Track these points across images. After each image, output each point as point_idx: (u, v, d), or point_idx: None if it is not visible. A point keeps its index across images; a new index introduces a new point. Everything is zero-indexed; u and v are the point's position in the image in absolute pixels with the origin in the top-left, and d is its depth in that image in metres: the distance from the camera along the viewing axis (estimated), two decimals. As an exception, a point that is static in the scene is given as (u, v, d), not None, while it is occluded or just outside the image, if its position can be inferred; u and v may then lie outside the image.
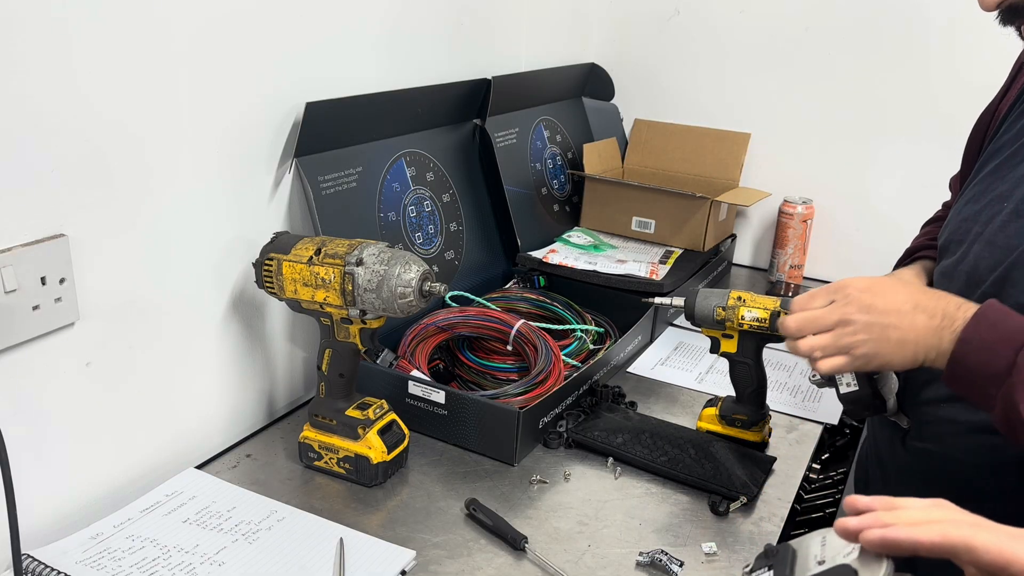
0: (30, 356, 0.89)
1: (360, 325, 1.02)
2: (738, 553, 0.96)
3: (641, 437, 1.14)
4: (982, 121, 1.02)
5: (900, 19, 1.68)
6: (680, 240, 1.73)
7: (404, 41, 1.37)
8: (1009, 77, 1.02)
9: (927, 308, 0.80)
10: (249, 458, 1.11)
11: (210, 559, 0.90)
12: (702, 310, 1.13)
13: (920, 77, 1.68)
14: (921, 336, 0.79)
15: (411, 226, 1.37)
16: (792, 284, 1.80)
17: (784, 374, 1.41)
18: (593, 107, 1.97)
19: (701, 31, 1.88)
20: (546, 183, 1.75)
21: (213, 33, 1.02)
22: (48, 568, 0.85)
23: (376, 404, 1.07)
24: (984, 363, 0.75)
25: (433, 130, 1.46)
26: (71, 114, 0.87)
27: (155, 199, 0.99)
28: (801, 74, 1.79)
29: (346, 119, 1.23)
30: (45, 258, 0.87)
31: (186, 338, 1.08)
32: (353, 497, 1.03)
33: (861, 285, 0.83)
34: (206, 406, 1.13)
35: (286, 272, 1.02)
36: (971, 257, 0.90)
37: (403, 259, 0.97)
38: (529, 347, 1.24)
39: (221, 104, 1.05)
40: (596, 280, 1.53)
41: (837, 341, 0.83)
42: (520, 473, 1.10)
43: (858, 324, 0.81)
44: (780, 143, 1.85)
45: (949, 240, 0.96)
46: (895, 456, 1.01)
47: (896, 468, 1.02)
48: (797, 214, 1.77)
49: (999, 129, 0.97)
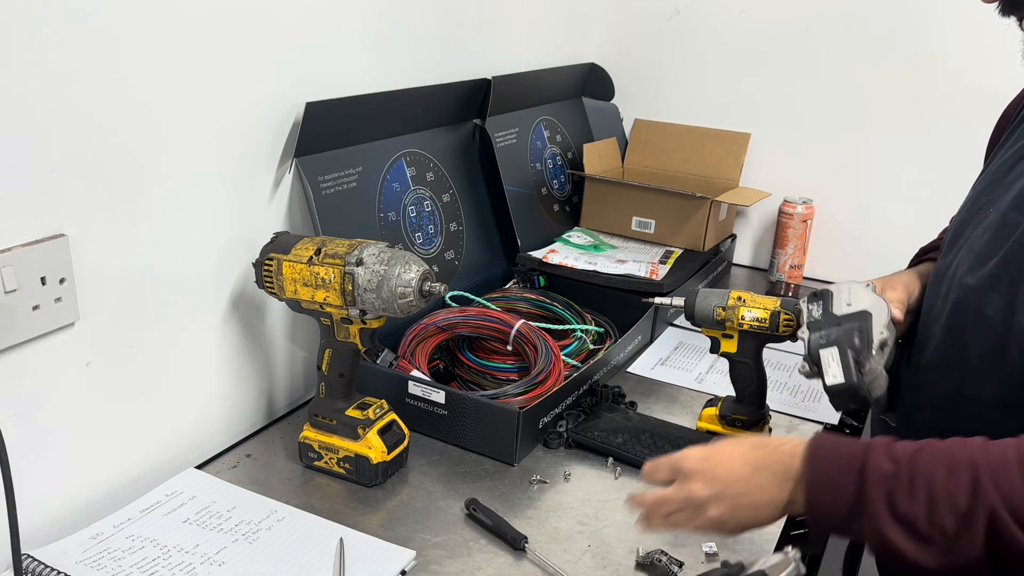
0: (30, 356, 0.89)
1: (360, 325, 1.02)
2: (738, 553, 0.96)
3: (641, 437, 1.14)
4: (1003, 118, 1.02)
5: (900, 19, 1.68)
6: (680, 240, 1.73)
7: (404, 41, 1.37)
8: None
9: (765, 466, 0.77)
10: (249, 458, 1.11)
11: (210, 559, 0.90)
12: (702, 310, 1.13)
13: (920, 77, 1.68)
14: (769, 495, 0.76)
15: (411, 226, 1.37)
16: (792, 284, 1.80)
17: (784, 374, 1.41)
18: (593, 107, 1.97)
19: (701, 31, 1.88)
20: (546, 183, 1.75)
21: (213, 33, 1.02)
22: (48, 568, 0.85)
23: (376, 404, 1.07)
24: (835, 502, 0.71)
25: (433, 130, 1.46)
26: (71, 114, 0.87)
27: (155, 199, 0.99)
28: (801, 74, 1.79)
29: (346, 119, 1.23)
30: (45, 258, 0.87)
31: (186, 338, 1.08)
32: (353, 497, 1.03)
33: (697, 456, 0.80)
34: (206, 406, 1.13)
35: (286, 272, 1.02)
36: (957, 262, 0.90)
37: (403, 259, 0.97)
38: (529, 347, 1.24)
39: (221, 104, 1.05)
40: (596, 280, 1.53)
41: (690, 520, 0.80)
42: (520, 473, 1.10)
43: (706, 498, 0.78)
44: (780, 143, 1.85)
45: (945, 242, 0.97)
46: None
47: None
48: (797, 214, 1.77)
49: (1010, 125, 0.97)
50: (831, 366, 0.90)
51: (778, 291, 1.77)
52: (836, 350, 0.91)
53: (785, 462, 0.76)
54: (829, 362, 0.91)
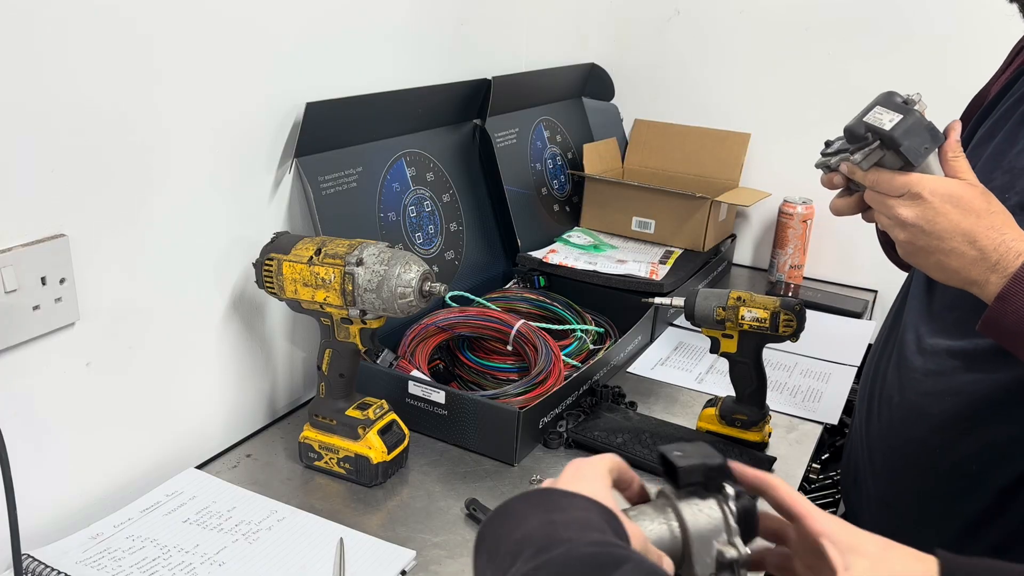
0: (30, 356, 0.89)
1: (360, 325, 1.02)
2: (738, 553, 0.96)
3: (641, 437, 1.14)
4: (973, 105, 1.01)
5: (901, 19, 1.68)
6: (680, 240, 1.73)
7: (404, 41, 1.37)
8: (1005, 62, 1.01)
9: (984, 247, 0.78)
10: (249, 458, 1.11)
11: (210, 559, 0.90)
12: (702, 310, 1.13)
13: (920, 76, 1.68)
14: (965, 269, 0.79)
15: (411, 226, 1.37)
16: (792, 284, 1.80)
17: (784, 374, 1.41)
18: (593, 107, 1.97)
19: (701, 31, 1.88)
20: (546, 183, 1.75)
21: (213, 33, 1.02)
22: (48, 568, 0.85)
23: (376, 404, 1.07)
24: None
25: (433, 130, 1.46)
26: (71, 114, 0.87)
27: (155, 199, 0.99)
28: (801, 74, 1.79)
29: (346, 119, 1.23)
30: (45, 258, 0.87)
31: (186, 338, 1.08)
32: (353, 497, 1.03)
33: (941, 193, 0.80)
34: (206, 406, 1.13)
35: (286, 272, 1.02)
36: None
37: (403, 259, 0.97)
38: (529, 347, 1.24)
39: (221, 104, 1.05)
40: (596, 280, 1.53)
41: (890, 228, 0.85)
42: (520, 473, 1.10)
43: (912, 231, 0.82)
44: (780, 143, 1.85)
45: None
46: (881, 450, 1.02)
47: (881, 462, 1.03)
48: (797, 214, 1.77)
49: (988, 112, 0.96)
50: (883, 116, 0.83)
51: (778, 291, 1.77)
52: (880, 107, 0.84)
53: (1003, 255, 0.78)
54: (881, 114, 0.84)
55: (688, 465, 0.59)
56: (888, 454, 0.99)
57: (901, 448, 0.97)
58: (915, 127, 0.80)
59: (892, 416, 0.99)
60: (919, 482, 0.95)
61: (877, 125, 0.80)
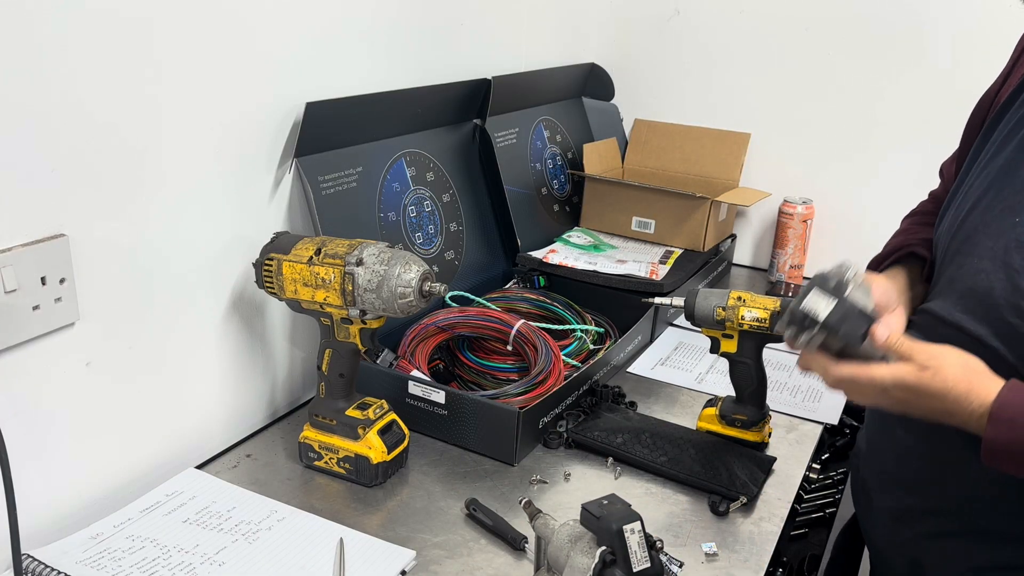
0: (30, 356, 0.89)
1: (360, 325, 1.02)
2: (738, 553, 0.96)
3: (641, 437, 1.14)
4: (981, 106, 0.99)
5: (900, 19, 1.68)
6: (680, 240, 1.73)
7: (404, 41, 1.37)
8: (1010, 61, 0.98)
9: (957, 422, 0.80)
10: (249, 458, 1.11)
11: (210, 559, 0.90)
12: (702, 310, 1.13)
13: (920, 77, 1.68)
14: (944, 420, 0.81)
15: (411, 226, 1.37)
16: (792, 284, 1.80)
17: (784, 374, 1.41)
18: (593, 107, 1.97)
19: (701, 31, 1.88)
20: (546, 183, 1.75)
21: (214, 33, 1.02)
22: (48, 568, 0.85)
23: (376, 404, 1.07)
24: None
25: (433, 130, 1.46)
26: (71, 114, 0.87)
27: (155, 199, 0.99)
28: (801, 74, 1.79)
29: (346, 119, 1.23)
30: (45, 258, 0.87)
31: (186, 338, 1.08)
32: (353, 497, 1.04)
33: (900, 386, 0.81)
34: (206, 406, 1.13)
35: (286, 272, 1.02)
36: (984, 276, 0.85)
37: (403, 259, 0.97)
38: (529, 347, 1.24)
39: (221, 104, 1.05)
40: (596, 280, 1.53)
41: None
42: (520, 473, 1.10)
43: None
44: (780, 143, 1.85)
45: (954, 248, 0.91)
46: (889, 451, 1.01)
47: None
48: (797, 214, 1.77)
49: (1001, 117, 0.93)
50: (819, 302, 0.85)
51: (778, 291, 1.77)
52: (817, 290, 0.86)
53: (978, 420, 0.78)
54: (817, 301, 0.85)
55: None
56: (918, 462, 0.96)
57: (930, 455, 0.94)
58: (849, 313, 0.82)
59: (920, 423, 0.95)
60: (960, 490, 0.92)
61: (813, 314, 0.82)
